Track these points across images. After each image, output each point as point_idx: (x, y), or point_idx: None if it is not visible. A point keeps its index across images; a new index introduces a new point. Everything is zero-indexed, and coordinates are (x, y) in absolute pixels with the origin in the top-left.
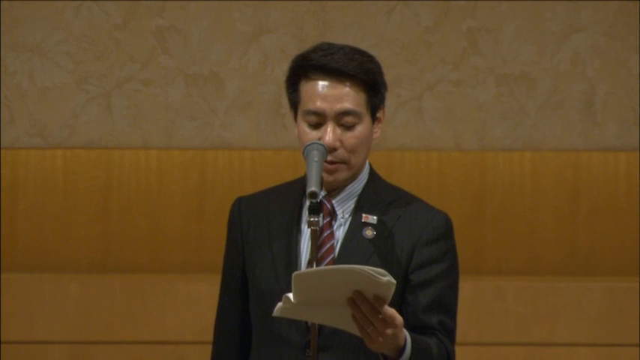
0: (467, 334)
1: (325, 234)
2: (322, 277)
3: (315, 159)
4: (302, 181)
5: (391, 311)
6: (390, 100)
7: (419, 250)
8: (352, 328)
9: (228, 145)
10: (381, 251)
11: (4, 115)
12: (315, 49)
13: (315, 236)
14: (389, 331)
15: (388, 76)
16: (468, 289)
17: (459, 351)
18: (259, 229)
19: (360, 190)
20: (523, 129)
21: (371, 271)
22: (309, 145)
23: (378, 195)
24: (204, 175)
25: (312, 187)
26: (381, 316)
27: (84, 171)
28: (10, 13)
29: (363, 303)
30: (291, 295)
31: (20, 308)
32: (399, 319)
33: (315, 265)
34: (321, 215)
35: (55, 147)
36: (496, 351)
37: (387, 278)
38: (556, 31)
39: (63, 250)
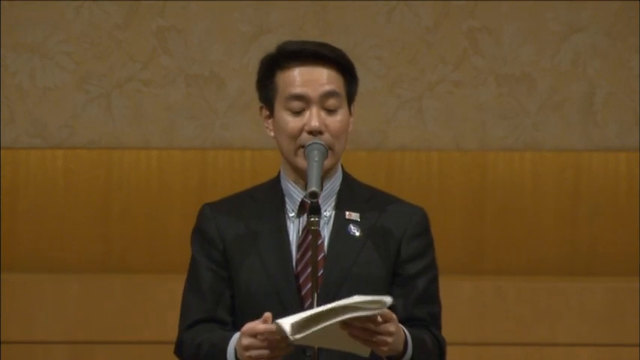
0: (467, 334)
1: None
2: (319, 331)
3: (316, 159)
4: (276, 183)
5: (384, 310)
6: (390, 100)
7: (405, 245)
8: (355, 348)
9: (229, 145)
10: (368, 247)
11: (4, 115)
12: (284, 43)
13: (316, 236)
14: (392, 329)
15: (388, 76)
16: (468, 289)
17: (460, 351)
18: (238, 233)
19: (338, 188)
20: (523, 129)
21: (364, 312)
22: (310, 145)
23: (355, 193)
24: (204, 175)
25: (313, 186)
26: (380, 320)
27: (84, 171)
28: (11, 13)
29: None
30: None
31: (20, 308)
32: (393, 315)
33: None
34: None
35: (55, 147)
36: (496, 351)
37: (377, 307)
38: (556, 31)
39: (63, 250)
